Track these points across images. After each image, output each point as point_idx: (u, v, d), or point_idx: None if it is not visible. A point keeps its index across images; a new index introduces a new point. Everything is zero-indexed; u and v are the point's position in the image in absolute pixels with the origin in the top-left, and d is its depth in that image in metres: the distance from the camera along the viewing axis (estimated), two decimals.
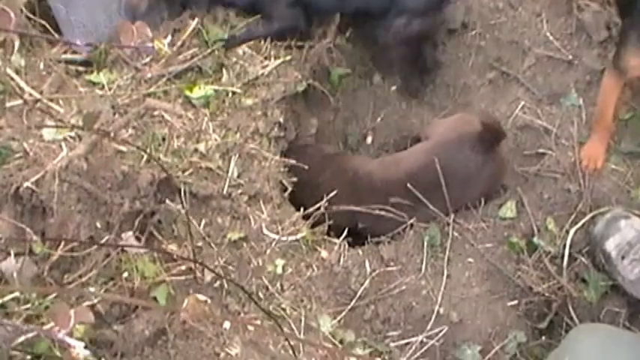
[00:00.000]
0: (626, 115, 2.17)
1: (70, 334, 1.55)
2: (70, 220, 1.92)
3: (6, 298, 1.81)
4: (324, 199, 2.13)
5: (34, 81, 2.13)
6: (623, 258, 1.96)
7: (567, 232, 2.06)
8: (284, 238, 2.06)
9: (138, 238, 1.99)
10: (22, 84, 2.12)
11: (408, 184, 2.11)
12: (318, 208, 2.12)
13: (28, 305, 1.82)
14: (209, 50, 2.22)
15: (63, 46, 2.18)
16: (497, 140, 2.14)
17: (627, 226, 1.99)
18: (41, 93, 2.11)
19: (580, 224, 2.07)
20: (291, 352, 1.91)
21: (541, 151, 2.20)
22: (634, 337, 1.90)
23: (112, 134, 2.00)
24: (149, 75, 2.15)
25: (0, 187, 1.90)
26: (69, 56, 2.19)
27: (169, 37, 1.68)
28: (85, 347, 1.32)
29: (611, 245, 1.99)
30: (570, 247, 2.05)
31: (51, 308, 1.53)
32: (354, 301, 2.03)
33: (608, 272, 2.02)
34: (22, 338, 1.69)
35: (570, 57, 2.27)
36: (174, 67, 2.18)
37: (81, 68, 2.19)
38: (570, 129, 2.19)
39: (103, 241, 1.93)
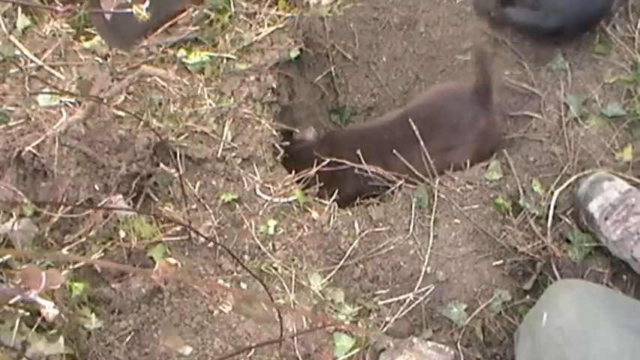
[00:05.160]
0: (611, 78, 2.18)
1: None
2: (69, 183, 1.97)
3: (6, 257, 1.88)
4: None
5: (36, 48, 2.19)
6: (606, 219, 1.97)
7: (552, 193, 2.08)
8: (276, 200, 2.10)
9: (134, 199, 2.05)
10: (26, 51, 2.18)
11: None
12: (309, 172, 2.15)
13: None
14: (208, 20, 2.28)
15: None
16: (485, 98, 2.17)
17: (610, 188, 2.00)
18: (44, 61, 2.17)
19: (565, 186, 2.08)
20: (278, 312, 1.96)
21: (527, 114, 2.22)
22: (608, 291, 1.94)
23: (107, 100, 2.05)
24: (145, 43, 2.21)
25: (3, 151, 1.96)
26: None
27: (147, 2, 1.70)
28: (54, 307, 1.35)
29: (594, 206, 1.99)
30: (555, 208, 2.06)
31: (23, 270, 1.58)
32: (343, 260, 2.06)
33: (591, 233, 2.03)
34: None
35: None
36: (171, 37, 2.24)
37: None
38: (557, 92, 2.20)
39: (101, 203, 2.00)
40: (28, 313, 1.78)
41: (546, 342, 1.67)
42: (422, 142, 2.14)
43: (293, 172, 2.18)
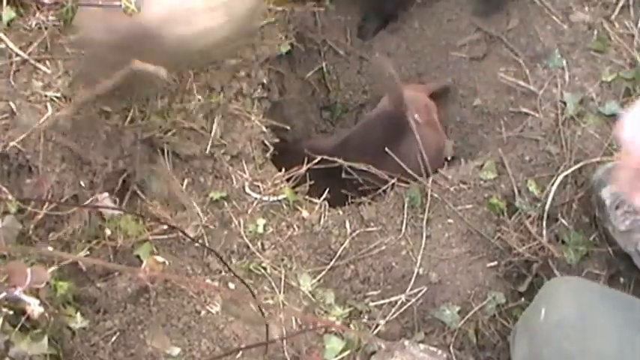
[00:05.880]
0: (609, 76, 2.15)
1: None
2: (54, 179, 1.95)
3: None
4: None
5: (22, 41, 2.15)
6: (617, 208, 1.93)
7: (548, 194, 2.04)
8: (265, 198, 2.07)
9: (120, 197, 2.01)
10: (11, 44, 2.14)
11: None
12: (299, 169, 2.12)
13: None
14: None
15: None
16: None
17: None
18: (29, 54, 2.13)
19: (558, 182, 2.05)
20: (268, 312, 1.93)
21: (523, 111, 2.18)
22: (606, 287, 1.92)
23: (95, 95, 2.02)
24: None
25: None
26: None
27: None
28: (40, 304, 1.33)
29: (606, 193, 1.96)
30: (550, 208, 2.03)
31: (8, 266, 1.56)
32: (333, 260, 2.04)
33: (600, 219, 2.00)
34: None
35: (555, 18, 2.25)
36: None
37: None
38: (553, 90, 2.16)
39: (86, 200, 1.96)
40: (11, 312, 1.75)
41: (545, 337, 1.64)
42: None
43: (283, 169, 2.15)
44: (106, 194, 1.94)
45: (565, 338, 1.59)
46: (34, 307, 1.57)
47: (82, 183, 1.96)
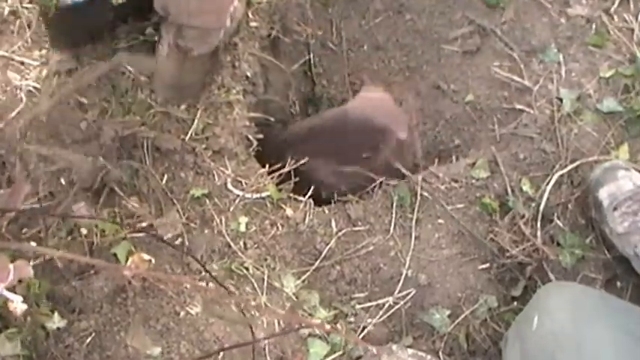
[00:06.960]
0: (608, 72, 2.11)
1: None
2: (28, 175, 1.92)
3: None
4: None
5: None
6: (615, 209, 1.89)
7: (543, 193, 2.01)
8: (248, 195, 2.01)
9: (98, 194, 1.96)
10: None
11: None
12: (284, 166, 2.06)
13: None
14: None
15: None
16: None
17: (625, 178, 1.92)
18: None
19: (554, 181, 2.01)
20: (250, 313, 1.88)
21: (518, 108, 2.14)
22: (603, 294, 1.87)
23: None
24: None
25: None
26: None
27: None
28: (23, 301, 1.29)
29: (604, 194, 1.92)
30: (545, 209, 2.00)
31: None
32: (319, 261, 1.99)
33: (596, 221, 1.96)
34: None
35: (551, 11, 2.22)
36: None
37: None
38: (549, 86, 2.13)
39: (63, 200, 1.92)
40: None
41: (536, 347, 1.61)
42: None
43: (267, 166, 2.09)
44: (82, 203, 1.90)
45: (557, 349, 1.55)
46: (18, 305, 1.51)
47: (61, 181, 1.93)
